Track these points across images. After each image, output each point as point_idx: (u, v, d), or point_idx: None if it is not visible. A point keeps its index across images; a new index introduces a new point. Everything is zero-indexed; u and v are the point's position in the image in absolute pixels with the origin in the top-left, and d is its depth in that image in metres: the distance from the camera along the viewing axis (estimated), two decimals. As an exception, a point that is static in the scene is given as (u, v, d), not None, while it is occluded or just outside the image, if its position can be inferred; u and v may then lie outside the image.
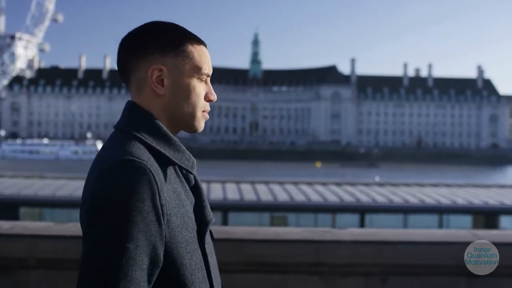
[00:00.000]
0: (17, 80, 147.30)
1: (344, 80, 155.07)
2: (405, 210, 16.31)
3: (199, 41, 1.66)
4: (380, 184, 19.06)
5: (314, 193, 16.72)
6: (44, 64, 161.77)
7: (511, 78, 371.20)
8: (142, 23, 1.63)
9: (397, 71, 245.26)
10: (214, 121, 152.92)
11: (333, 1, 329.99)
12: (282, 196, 16.43)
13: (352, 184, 18.51)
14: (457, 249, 3.28)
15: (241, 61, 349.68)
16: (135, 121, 1.58)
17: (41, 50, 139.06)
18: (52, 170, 49.51)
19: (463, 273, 3.28)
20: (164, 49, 1.59)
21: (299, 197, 16.18)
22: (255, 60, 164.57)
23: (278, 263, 3.59)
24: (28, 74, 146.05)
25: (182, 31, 1.65)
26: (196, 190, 1.64)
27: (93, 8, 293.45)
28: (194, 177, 1.66)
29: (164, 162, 1.54)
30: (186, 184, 1.61)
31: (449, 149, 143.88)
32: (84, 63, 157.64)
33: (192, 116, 1.63)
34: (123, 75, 1.65)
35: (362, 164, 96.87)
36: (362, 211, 16.17)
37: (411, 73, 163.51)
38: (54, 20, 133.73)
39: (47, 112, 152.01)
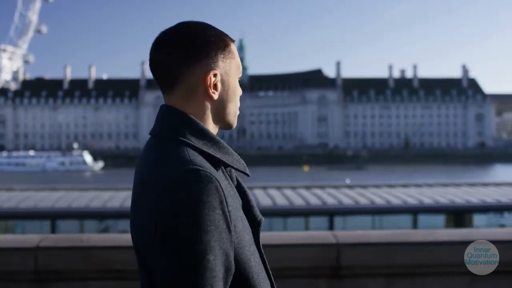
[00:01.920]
0: (2, 92, 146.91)
1: (329, 83, 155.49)
2: (373, 211, 16.31)
3: (232, 39, 1.63)
4: (350, 186, 19.05)
5: (282, 197, 16.68)
6: (29, 76, 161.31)
7: (496, 77, 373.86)
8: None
9: (382, 73, 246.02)
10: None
11: (316, 5, 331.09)
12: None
13: (321, 187, 18.48)
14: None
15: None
16: (179, 126, 1.54)
17: (25, 62, 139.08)
18: (38, 182, 49.26)
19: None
20: (215, 53, 1.56)
21: (265, 202, 16.16)
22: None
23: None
24: (13, 86, 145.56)
25: (221, 32, 1.61)
26: (241, 190, 1.62)
27: (76, 18, 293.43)
28: (237, 177, 1.64)
29: (217, 166, 1.52)
30: (233, 185, 1.59)
31: (436, 149, 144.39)
32: (69, 74, 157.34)
33: (234, 115, 1.64)
34: (166, 82, 1.59)
35: (350, 167, 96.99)
36: (330, 214, 16.16)
37: (396, 74, 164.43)
38: (38, 31, 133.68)
39: (33, 124, 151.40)
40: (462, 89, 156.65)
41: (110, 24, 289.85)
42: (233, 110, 1.62)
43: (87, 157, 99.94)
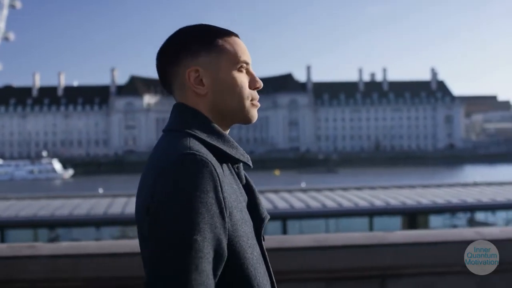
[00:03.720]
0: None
1: (300, 87, 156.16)
2: (325, 215, 16.38)
3: (229, 33, 1.67)
4: (303, 190, 19.11)
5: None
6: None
7: (464, 79, 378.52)
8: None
9: (352, 77, 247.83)
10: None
11: (285, 9, 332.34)
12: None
13: (275, 191, 18.52)
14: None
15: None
16: (186, 120, 1.59)
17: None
18: (5, 191, 48.66)
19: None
20: (196, 50, 1.62)
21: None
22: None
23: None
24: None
25: (209, 28, 1.66)
26: (248, 188, 1.64)
27: (44, 25, 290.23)
28: (245, 175, 1.65)
29: (220, 158, 1.54)
30: (239, 182, 1.60)
31: (406, 151, 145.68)
32: (38, 81, 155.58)
33: (241, 108, 1.63)
34: (165, 85, 1.68)
35: (321, 170, 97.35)
36: (283, 218, 16.18)
37: (366, 77, 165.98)
38: (5, 38, 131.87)
39: (2, 132, 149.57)
40: (431, 91, 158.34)
41: (79, 31, 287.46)
42: (236, 103, 1.63)
43: (57, 165, 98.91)
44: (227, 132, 1.67)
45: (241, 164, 1.64)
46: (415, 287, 3.41)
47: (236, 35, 1.69)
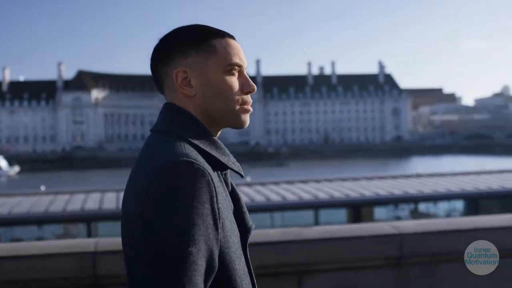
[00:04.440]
0: None
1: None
2: (270, 208, 16.42)
3: (222, 35, 1.62)
4: (248, 184, 19.14)
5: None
6: None
7: (410, 72, 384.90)
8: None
9: (302, 70, 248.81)
10: (121, 129, 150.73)
11: (233, 2, 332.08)
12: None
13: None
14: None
15: (146, 67, 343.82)
16: (177, 121, 1.55)
17: None
18: None
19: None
20: (185, 51, 1.57)
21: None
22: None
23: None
24: None
25: (201, 29, 1.62)
26: (234, 196, 1.59)
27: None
28: (231, 183, 1.61)
29: (213, 165, 1.49)
30: (227, 190, 1.56)
31: (355, 144, 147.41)
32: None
33: (229, 111, 1.59)
34: (157, 86, 1.65)
35: (271, 164, 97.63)
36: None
37: (315, 71, 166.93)
38: None
39: None
40: (378, 84, 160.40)
41: (24, 25, 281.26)
42: (224, 107, 1.58)
43: (2, 162, 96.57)
44: (218, 135, 1.63)
45: (229, 170, 1.59)
46: (332, 282, 3.44)
47: (231, 37, 1.64)
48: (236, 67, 1.60)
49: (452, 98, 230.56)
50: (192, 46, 1.58)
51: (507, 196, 19.03)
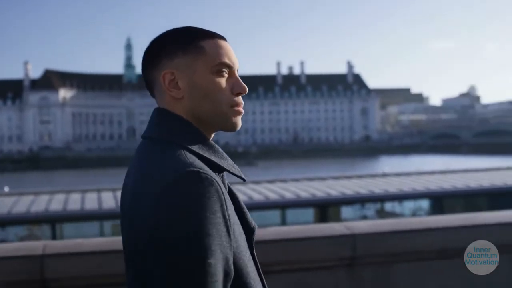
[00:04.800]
0: None
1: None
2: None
3: (211, 36, 1.57)
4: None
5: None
6: None
7: (379, 72, 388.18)
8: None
9: (271, 70, 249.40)
10: (89, 128, 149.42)
11: (203, 3, 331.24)
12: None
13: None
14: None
15: (115, 66, 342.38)
16: (171, 128, 1.50)
17: None
18: None
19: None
20: (172, 52, 1.53)
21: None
22: (129, 64, 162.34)
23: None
24: None
25: (189, 30, 1.58)
26: (232, 196, 1.54)
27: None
28: (228, 184, 1.57)
29: (213, 170, 1.45)
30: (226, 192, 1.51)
31: (324, 143, 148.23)
32: None
33: (219, 114, 1.53)
34: (149, 90, 1.60)
35: (240, 163, 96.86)
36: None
37: (284, 71, 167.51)
38: None
39: None
40: (347, 84, 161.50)
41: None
42: (213, 109, 1.53)
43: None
44: (211, 139, 1.58)
45: (225, 172, 1.55)
46: (285, 284, 3.41)
47: (221, 37, 1.59)
48: (226, 68, 1.54)
49: (419, 98, 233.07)
50: (179, 47, 1.54)
51: (471, 195, 19.29)
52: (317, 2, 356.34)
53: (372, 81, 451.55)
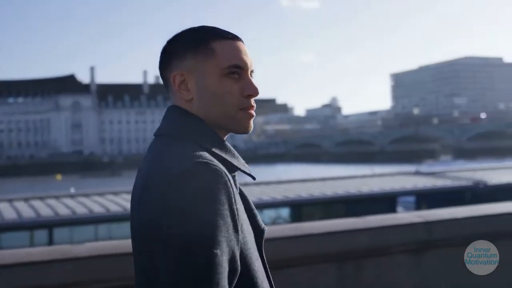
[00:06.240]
0: None
1: (84, 89, 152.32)
2: (93, 221, 15.89)
3: (224, 36, 1.55)
4: (71, 196, 18.47)
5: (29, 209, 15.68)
6: None
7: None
8: None
9: (138, 79, 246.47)
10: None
11: (69, 9, 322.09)
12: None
13: (41, 198, 17.65)
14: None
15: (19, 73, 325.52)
16: (183, 125, 1.51)
17: None
18: None
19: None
20: (182, 54, 1.54)
21: (12, 215, 15.08)
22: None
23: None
24: None
25: (201, 31, 1.57)
26: (242, 197, 1.53)
27: None
28: (239, 186, 1.54)
29: (226, 168, 1.43)
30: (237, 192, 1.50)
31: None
32: None
33: (229, 116, 1.53)
34: (166, 91, 1.62)
35: (105, 174, 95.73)
36: (49, 226, 15.43)
37: (151, 80, 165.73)
38: None
39: None
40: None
41: None
42: (222, 111, 1.52)
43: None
44: (225, 139, 1.57)
45: (236, 173, 1.53)
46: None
47: (234, 38, 1.57)
48: (236, 70, 1.53)
49: (284, 108, 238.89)
50: (190, 48, 1.54)
51: (328, 202, 19.92)
52: (185, 12, 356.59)
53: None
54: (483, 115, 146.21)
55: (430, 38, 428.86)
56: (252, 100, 1.56)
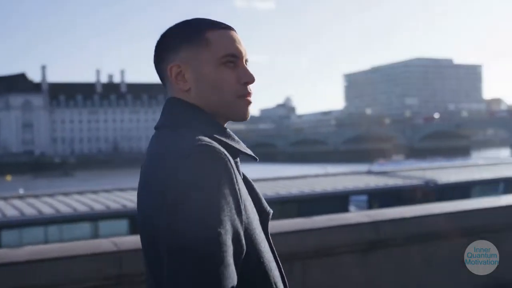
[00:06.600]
0: None
1: (35, 88, 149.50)
2: (43, 222, 15.54)
3: (217, 26, 1.58)
4: (20, 197, 18.07)
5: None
6: None
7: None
8: None
9: (91, 78, 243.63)
10: None
11: (18, 5, 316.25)
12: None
13: (4, 198, 17.25)
14: None
15: None
16: (183, 115, 1.53)
17: None
18: None
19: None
20: (177, 46, 1.56)
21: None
22: None
23: None
24: None
25: (194, 23, 1.60)
26: (246, 182, 1.54)
27: None
28: (243, 172, 1.57)
29: (229, 153, 1.45)
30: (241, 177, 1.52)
31: (145, 153, 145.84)
32: None
33: (226, 104, 1.56)
34: (162, 83, 1.63)
35: (56, 174, 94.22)
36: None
37: (104, 79, 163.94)
38: None
39: None
40: (167, 94, 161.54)
41: None
42: (220, 99, 1.54)
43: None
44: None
45: (239, 158, 1.56)
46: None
47: (227, 27, 1.59)
48: (232, 59, 1.56)
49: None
50: (185, 40, 1.56)
51: (281, 202, 19.92)
52: (137, 10, 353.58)
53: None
54: (436, 115, 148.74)
55: (383, 39, 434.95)
56: (249, 87, 1.58)
